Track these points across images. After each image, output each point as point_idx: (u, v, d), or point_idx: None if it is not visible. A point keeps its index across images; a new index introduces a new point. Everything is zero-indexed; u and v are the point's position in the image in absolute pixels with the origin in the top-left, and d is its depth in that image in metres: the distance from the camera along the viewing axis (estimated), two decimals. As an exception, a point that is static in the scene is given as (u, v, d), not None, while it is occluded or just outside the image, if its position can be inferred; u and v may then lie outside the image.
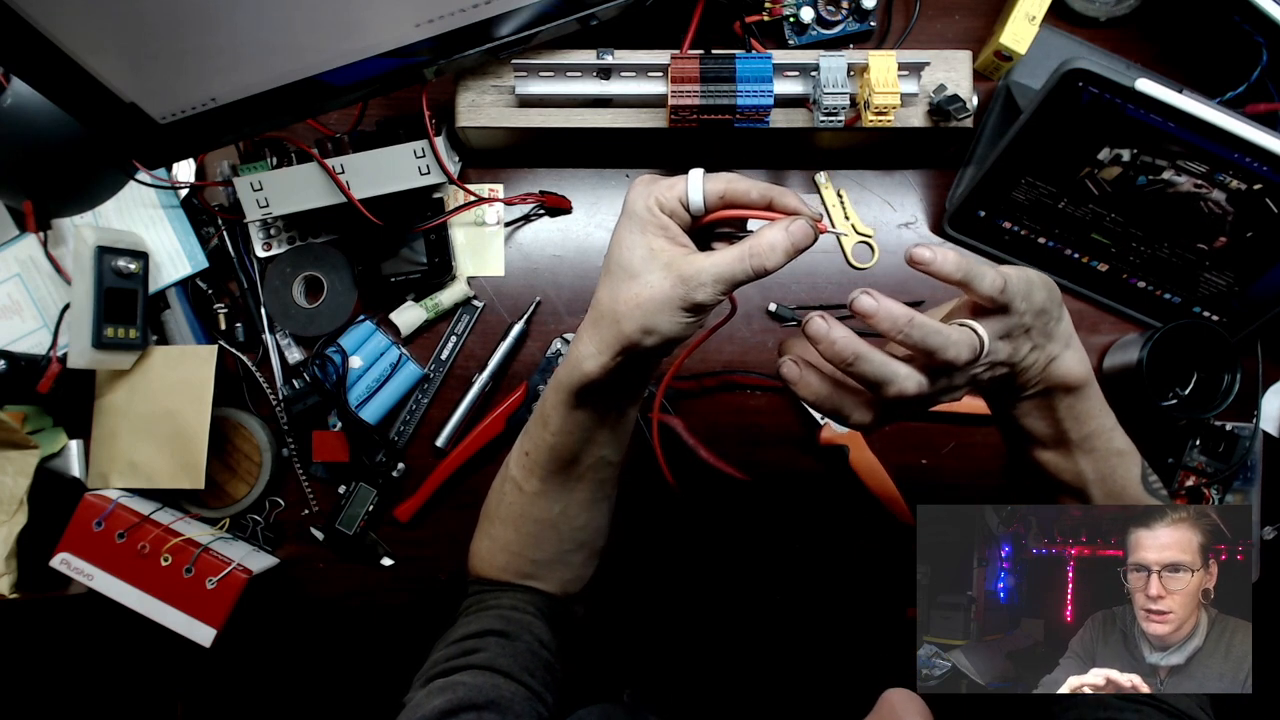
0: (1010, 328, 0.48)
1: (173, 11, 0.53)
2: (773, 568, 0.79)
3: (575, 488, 0.59)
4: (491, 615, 0.58)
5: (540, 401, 0.57)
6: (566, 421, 0.55)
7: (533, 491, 0.59)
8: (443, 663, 0.55)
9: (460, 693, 0.51)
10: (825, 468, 0.79)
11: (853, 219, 0.79)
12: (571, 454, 0.57)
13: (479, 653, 0.55)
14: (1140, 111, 0.64)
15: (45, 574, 0.73)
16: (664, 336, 0.48)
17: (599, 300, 0.50)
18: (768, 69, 0.66)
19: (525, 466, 0.59)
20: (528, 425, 0.59)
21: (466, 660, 0.54)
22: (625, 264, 0.48)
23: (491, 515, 0.63)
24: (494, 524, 0.62)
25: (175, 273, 0.77)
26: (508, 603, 0.59)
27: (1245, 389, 0.72)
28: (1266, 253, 0.70)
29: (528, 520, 0.60)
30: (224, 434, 0.77)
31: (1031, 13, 0.72)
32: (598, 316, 0.50)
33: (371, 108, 0.76)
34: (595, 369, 0.50)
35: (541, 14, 0.63)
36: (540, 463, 0.58)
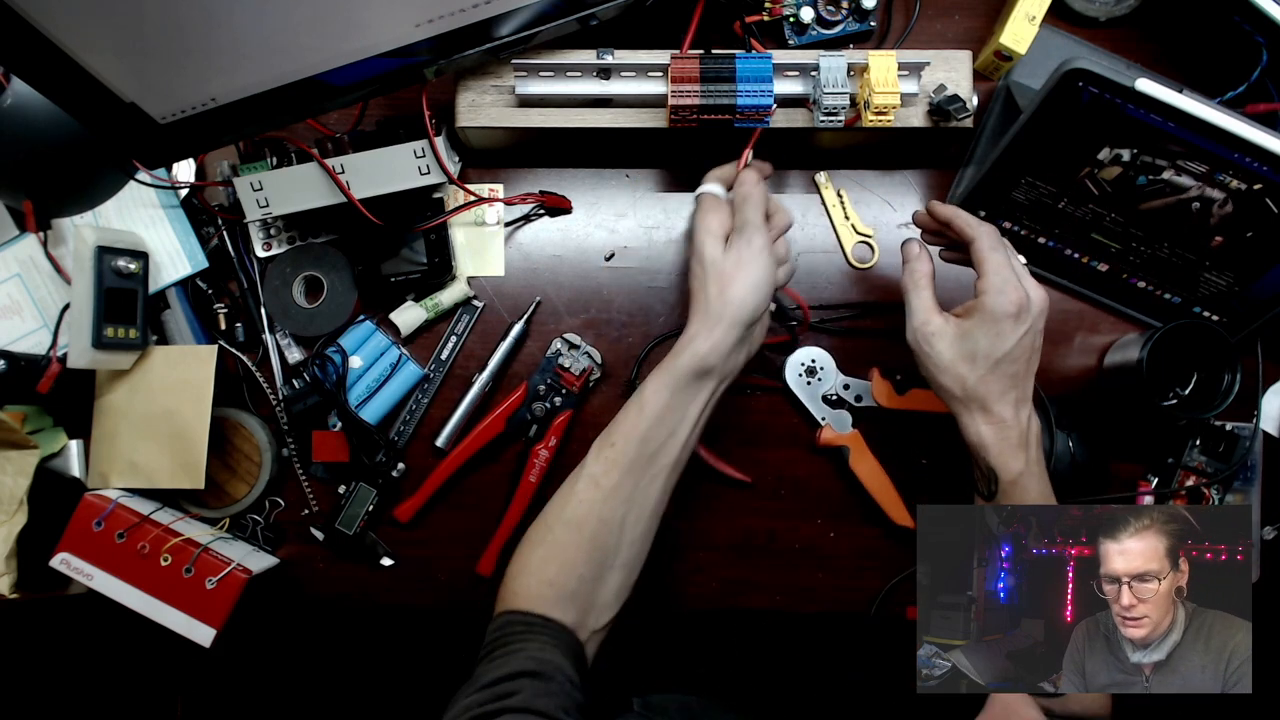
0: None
1: (173, 11, 0.53)
2: (774, 570, 0.79)
3: (649, 487, 0.62)
4: (521, 658, 0.57)
5: (636, 394, 0.63)
6: (670, 400, 0.62)
7: (610, 486, 0.62)
8: (477, 707, 0.53)
9: None
10: (825, 468, 0.79)
11: (853, 219, 0.79)
12: (659, 443, 0.62)
13: (515, 695, 0.53)
14: (1140, 111, 0.64)
15: (45, 574, 0.73)
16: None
17: (708, 294, 0.62)
18: (768, 69, 0.66)
19: (609, 459, 0.62)
20: (613, 422, 0.64)
21: (502, 704, 0.53)
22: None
23: (550, 523, 0.63)
24: (553, 530, 0.63)
25: (175, 273, 0.77)
26: (535, 644, 0.58)
27: (1245, 389, 0.72)
28: (1266, 253, 0.70)
29: (592, 519, 0.61)
30: (224, 434, 0.77)
31: (1031, 13, 0.72)
32: (706, 306, 0.62)
33: (371, 108, 0.76)
34: (706, 347, 0.61)
35: (541, 14, 0.63)
36: (625, 453, 0.62)
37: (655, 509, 0.64)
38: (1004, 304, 0.60)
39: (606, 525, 0.62)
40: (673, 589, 0.79)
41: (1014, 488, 0.61)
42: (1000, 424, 0.61)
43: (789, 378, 0.78)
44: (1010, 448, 0.61)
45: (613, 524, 0.62)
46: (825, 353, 0.78)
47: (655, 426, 0.62)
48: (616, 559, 0.62)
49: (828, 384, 0.78)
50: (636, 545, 0.63)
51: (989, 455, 0.62)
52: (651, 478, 0.62)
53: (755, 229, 0.62)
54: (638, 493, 0.62)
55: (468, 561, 0.78)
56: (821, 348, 0.78)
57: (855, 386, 0.78)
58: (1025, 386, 0.62)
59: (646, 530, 0.64)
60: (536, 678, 0.55)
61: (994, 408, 0.61)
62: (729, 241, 0.63)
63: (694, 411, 0.63)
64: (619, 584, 0.63)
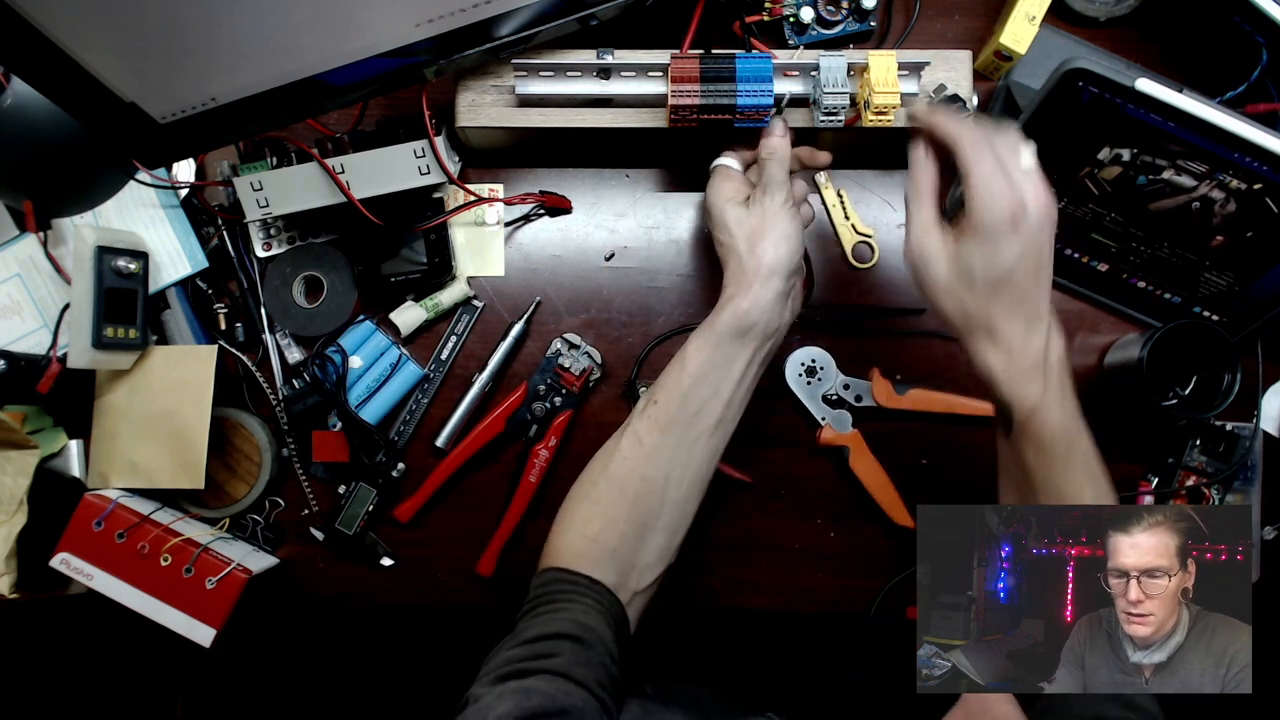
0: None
1: (173, 11, 0.53)
2: (774, 570, 0.79)
3: (693, 448, 0.62)
4: (564, 619, 0.57)
5: (679, 354, 0.63)
6: (712, 357, 0.61)
7: (653, 445, 0.62)
8: (516, 662, 0.53)
9: (535, 700, 0.50)
10: (825, 468, 0.79)
11: (853, 219, 0.79)
12: (701, 402, 0.62)
13: (554, 657, 0.53)
14: (1140, 111, 0.64)
15: (45, 574, 0.73)
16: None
17: (739, 255, 0.62)
18: (768, 69, 0.66)
19: (651, 416, 0.62)
20: (658, 381, 0.64)
21: (540, 664, 0.53)
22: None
23: (595, 478, 0.63)
24: (596, 486, 0.63)
25: (175, 273, 0.77)
26: (579, 608, 0.58)
27: (1245, 389, 0.72)
28: (1266, 253, 0.70)
29: (634, 478, 0.61)
30: (224, 434, 0.77)
31: (1031, 13, 0.72)
32: (740, 266, 0.62)
33: (371, 108, 0.76)
34: (746, 304, 0.61)
35: (541, 14, 0.63)
36: (668, 410, 0.62)
37: (700, 471, 0.63)
38: (994, 217, 0.53)
39: (649, 484, 0.61)
40: (673, 589, 0.79)
41: (1031, 421, 0.55)
42: (1008, 350, 0.55)
43: (789, 378, 0.78)
44: (1022, 375, 0.55)
45: (655, 483, 0.61)
46: (825, 353, 0.78)
47: (697, 385, 0.62)
48: (659, 520, 0.62)
49: (828, 384, 0.78)
50: (680, 507, 0.63)
51: (999, 387, 0.56)
52: (695, 438, 0.62)
53: (779, 185, 0.63)
54: (680, 452, 0.62)
55: (468, 561, 0.78)
56: (821, 348, 0.78)
57: (855, 386, 0.78)
58: (1036, 304, 0.55)
59: (690, 493, 0.63)
60: (578, 643, 0.55)
61: (1000, 332, 0.55)
62: (752, 200, 0.64)
63: (736, 370, 0.62)
64: (662, 546, 0.62)
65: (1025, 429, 0.56)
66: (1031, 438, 0.56)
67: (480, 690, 0.52)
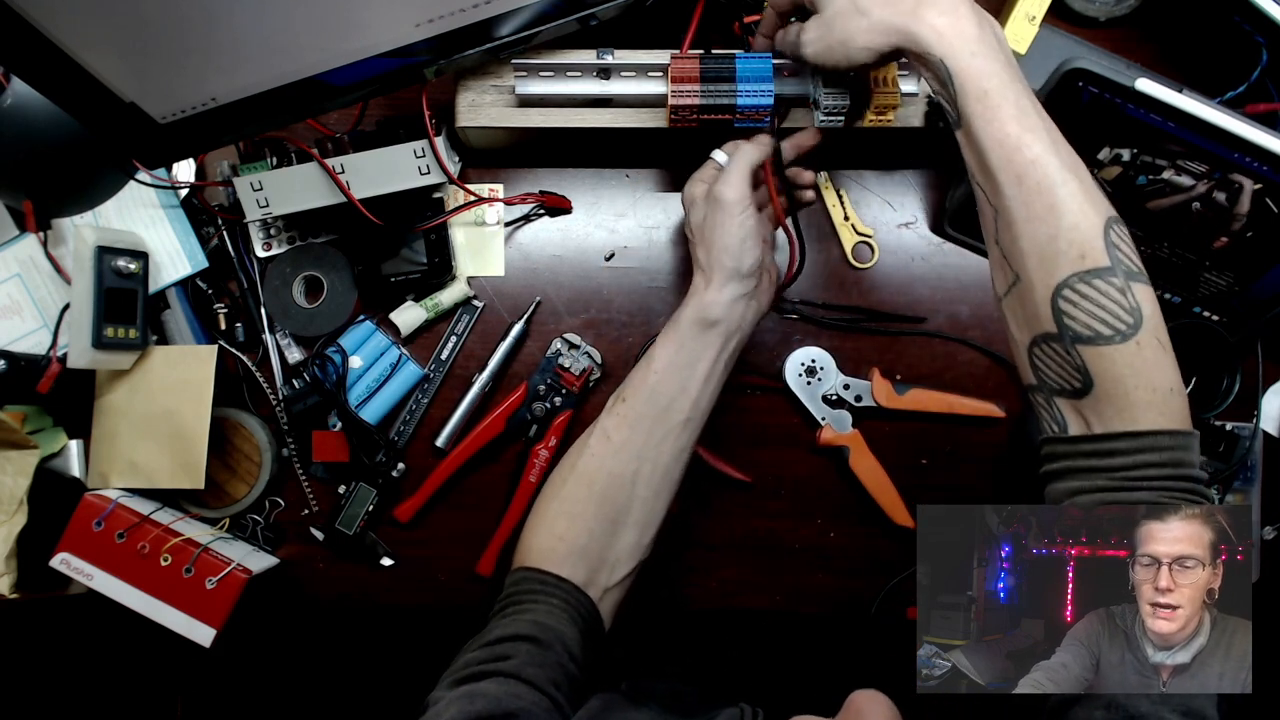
0: None
1: (173, 11, 0.53)
2: (774, 570, 0.79)
3: (661, 444, 0.63)
4: (526, 620, 0.58)
5: (648, 351, 0.64)
6: (678, 352, 0.62)
7: (620, 441, 0.62)
8: (473, 665, 0.55)
9: (479, 705, 0.51)
10: (825, 468, 0.79)
11: (853, 219, 0.79)
12: (669, 398, 0.62)
13: (509, 659, 0.54)
14: (1140, 111, 0.64)
15: (45, 574, 0.73)
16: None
17: (698, 254, 0.64)
18: (768, 69, 0.66)
19: (619, 413, 0.63)
20: (627, 378, 0.65)
21: (495, 666, 0.54)
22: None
23: (564, 476, 0.64)
24: (565, 484, 0.63)
25: (175, 273, 0.77)
26: (544, 608, 0.59)
27: (1245, 389, 0.72)
28: (1266, 253, 0.70)
29: (602, 474, 0.62)
30: (224, 434, 0.77)
31: (1031, 13, 0.72)
32: (699, 264, 0.63)
33: (371, 108, 0.76)
34: (708, 298, 0.62)
35: (541, 14, 0.63)
36: (635, 407, 0.62)
37: (669, 467, 0.63)
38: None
39: (617, 480, 0.62)
40: (673, 589, 0.79)
41: (958, 75, 0.51)
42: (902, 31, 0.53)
43: (789, 378, 0.78)
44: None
45: (623, 479, 0.62)
46: (825, 353, 0.78)
47: (664, 380, 0.62)
48: (629, 516, 0.62)
49: (828, 384, 0.78)
50: (649, 503, 0.63)
51: (931, 54, 0.52)
52: (664, 434, 0.62)
53: (725, 184, 0.62)
54: (649, 449, 0.62)
55: (468, 561, 0.78)
56: (821, 348, 0.78)
57: (855, 386, 0.78)
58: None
59: (660, 489, 0.63)
60: (535, 644, 0.56)
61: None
62: (708, 197, 0.64)
63: (703, 366, 0.62)
64: (632, 542, 0.63)
65: (958, 86, 0.52)
66: (962, 89, 0.52)
67: (438, 694, 0.53)
